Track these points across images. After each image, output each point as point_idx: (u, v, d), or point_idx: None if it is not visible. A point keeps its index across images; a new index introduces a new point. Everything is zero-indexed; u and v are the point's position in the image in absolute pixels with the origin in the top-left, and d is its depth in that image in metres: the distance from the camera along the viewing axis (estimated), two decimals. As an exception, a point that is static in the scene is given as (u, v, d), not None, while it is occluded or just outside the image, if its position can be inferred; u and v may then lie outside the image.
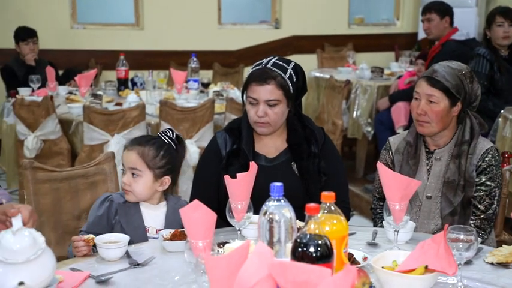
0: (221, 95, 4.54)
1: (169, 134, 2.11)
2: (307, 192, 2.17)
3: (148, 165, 2.03)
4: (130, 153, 2.03)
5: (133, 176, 2.03)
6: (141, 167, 2.02)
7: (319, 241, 1.27)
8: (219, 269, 1.19)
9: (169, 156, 2.06)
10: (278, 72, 2.15)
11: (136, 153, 2.03)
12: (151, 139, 2.09)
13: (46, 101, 3.86)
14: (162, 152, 2.05)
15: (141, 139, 2.10)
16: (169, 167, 2.06)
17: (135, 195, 2.03)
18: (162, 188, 2.06)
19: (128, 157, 2.03)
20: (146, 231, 2.03)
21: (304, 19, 6.93)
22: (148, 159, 2.03)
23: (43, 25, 5.49)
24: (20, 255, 1.39)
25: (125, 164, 2.05)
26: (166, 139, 2.09)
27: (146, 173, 2.02)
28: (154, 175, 2.03)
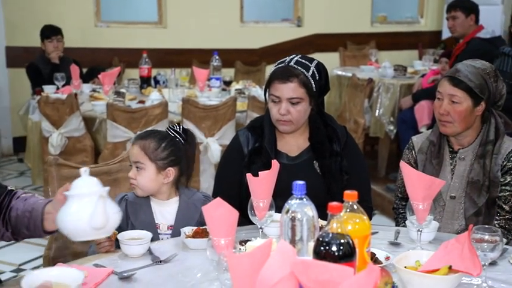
0: (243, 93, 4.54)
1: (175, 128, 2.13)
2: (328, 191, 2.16)
3: (150, 158, 2.04)
4: (134, 148, 2.07)
5: (137, 170, 2.05)
6: (143, 160, 2.04)
7: (342, 240, 1.27)
8: (241, 266, 1.19)
9: (173, 148, 2.06)
10: (301, 70, 2.14)
11: (138, 146, 2.05)
12: (153, 133, 2.12)
13: (70, 98, 3.91)
14: (164, 143, 2.05)
15: (144, 133, 2.14)
16: (172, 158, 2.06)
17: (140, 188, 2.05)
18: (167, 180, 2.06)
19: (132, 151, 2.07)
20: (157, 228, 2.04)
21: (326, 17, 6.90)
22: (150, 151, 2.04)
23: (68, 23, 5.55)
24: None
25: (130, 158, 2.08)
26: (172, 132, 2.11)
27: (148, 165, 2.04)
28: (157, 167, 2.04)
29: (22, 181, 5.14)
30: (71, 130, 3.93)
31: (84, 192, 1.45)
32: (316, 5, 6.87)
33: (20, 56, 5.73)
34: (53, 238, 2.17)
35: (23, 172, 5.38)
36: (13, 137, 5.96)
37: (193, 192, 2.15)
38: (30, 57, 5.28)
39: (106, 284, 1.61)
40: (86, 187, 1.46)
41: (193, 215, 2.06)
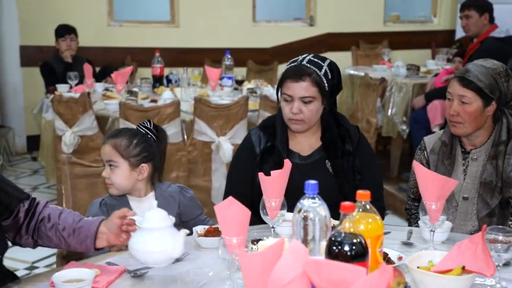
0: (255, 92, 4.54)
1: (145, 124, 2.14)
2: (341, 190, 2.16)
3: (122, 155, 2.05)
4: (105, 147, 2.07)
5: (110, 168, 2.06)
6: (116, 158, 2.05)
7: (354, 240, 1.26)
8: (253, 266, 1.19)
9: (144, 144, 2.07)
10: (313, 69, 2.14)
11: (110, 145, 2.06)
12: (123, 130, 2.14)
13: (83, 97, 3.93)
14: (135, 140, 2.06)
15: (114, 132, 2.14)
16: (145, 154, 2.07)
17: (116, 187, 2.06)
18: (142, 176, 2.07)
19: (104, 151, 2.08)
20: None
21: (339, 16, 6.88)
22: (121, 149, 2.05)
23: (81, 23, 5.58)
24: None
25: (103, 158, 2.09)
26: (142, 129, 2.12)
27: (121, 162, 2.05)
28: (130, 164, 2.05)
29: (36, 179, 5.18)
30: (83, 129, 3.95)
31: (156, 226, 1.60)
32: (328, 4, 6.85)
33: (34, 55, 5.78)
34: (66, 236, 2.18)
35: (37, 170, 5.42)
36: (27, 135, 6.01)
37: (167, 184, 2.17)
38: (44, 57, 5.32)
39: (119, 282, 1.62)
40: (158, 221, 1.61)
41: (172, 205, 2.09)
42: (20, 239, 1.80)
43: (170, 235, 1.59)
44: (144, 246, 1.58)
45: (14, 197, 1.78)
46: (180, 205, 2.12)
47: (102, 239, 1.73)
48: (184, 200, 2.14)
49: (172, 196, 2.12)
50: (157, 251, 1.58)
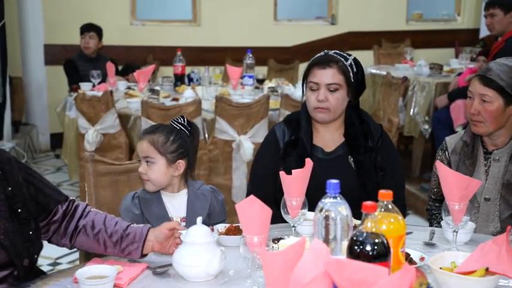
0: (276, 91, 4.54)
1: (180, 121, 2.15)
2: (363, 186, 2.16)
3: (159, 152, 2.06)
4: (142, 143, 2.07)
5: (147, 164, 2.06)
6: (153, 154, 2.06)
7: (376, 240, 1.26)
8: (274, 264, 1.19)
9: (181, 140, 2.08)
10: (340, 58, 2.18)
11: (147, 141, 2.06)
12: (160, 126, 2.14)
13: (106, 96, 3.96)
14: (172, 137, 2.07)
15: (151, 128, 2.15)
16: (181, 151, 2.08)
17: (152, 183, 2.07)
18: (178, 172, 2.08)
19: (140, 147, 2.08)
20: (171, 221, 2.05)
21: (361, 15, 6.84)
22: (159, 145, 2.06)
23: (104, 22, 5.63)
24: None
25: (139, 154, 2.09)
26: (177, 125, 2.12)
27: (158, 159, 2.05)
28: (167, 160, 2.06)
29: (59, 176, 5.25)
30: (106, 127, 3.98)
31: (199, 241, 1.63)
32: (350, 3, 6.82)
33: (58, 53, 5.85)
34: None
35: (60, 168, 5.49)
36: (50, 133, 6.09)
37: (200, 183, 2.18)
38: (68, 55, 5.38)
39: (141, 279, 1.63)
40: (203, 236, 1.63)
41: (204, 205, 2.10)
42: (57, 240, 1.81)
43: (207, 252, 1.60)
44: (183, 260, 1.61)
45: (52, 198, 1.78)
46: (211, 206, 2.13)
47: (148, 246, 1.75)
48: (215, 203, 2.15)
49: (204, 195, 2.13)
50: (194, 266, 1.59)
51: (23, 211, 1.68)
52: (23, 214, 1.67)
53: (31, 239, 1.68)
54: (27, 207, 1.69)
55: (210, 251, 1.61)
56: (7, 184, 1.66)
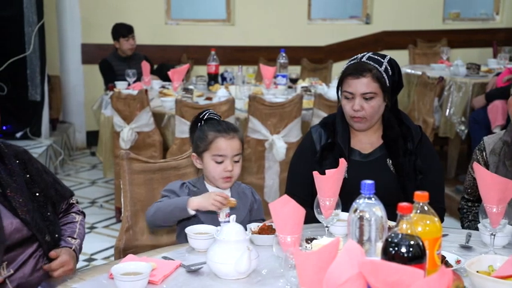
0: (309, 90, 4.52)
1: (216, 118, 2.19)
2: (403, 190, 2.13)
3: (242, 149, 2.11)
4: (234, 141, 2.07)
5: (235, 162, 2.07)
6: (241, 151, 2.09)
7: (412, 241, 1.24)
8: (308, 264, 1.19)
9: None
10: (373, 65, 2.13)
11: (238, 139, 2.08)
12: (231, 123, 2.19)
13: (141, 94, 4.01)
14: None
15: (232, 126, 2.15)
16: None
17: (233, 180, 2.09)
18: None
19: (233, 145, 2.06)
20: (218, 216, 2.07)
21: (396, 14, 6.76)
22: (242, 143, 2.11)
23: (139, 21, 5.71)
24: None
25: (227, 151, 2.06)
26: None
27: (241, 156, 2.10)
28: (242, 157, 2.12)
29: (94, 174, 5.34)
30: (141, 125, 4.03)
31: (232, 239, 1.64)
32: (386, 2, 6.75)
33: (94, 52, 5.95)
34: (124, 230, 2.24)
35: (95, 165, 5.58)
36: (86, 131, 6.19)
37: (238, 182, 2.19)
38: (103, 54, 5.46)
39: (174, 277, 1.65)
40: (235, 235, 1.64)
41: (245, 202, 2.12)
42: None
43: (238, 250, 1.61)
44: (215, 257, 1.62)
45: (66, 190, 2.03)
46: (251, 204, 2.15)
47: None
48: (254, 202, 2.17)
49: (244, 193, 2.15)
50: (225, 263, 1.60)
51: (40, 195, 1.86)
52: (40, 198, 1.86)
53: (50, 219, 1.86)
54: (44, 193, 1.88)
55: (240, 250, 1.62)
56: (26, 172, 1.85)
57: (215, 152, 2.05)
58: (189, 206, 1.93)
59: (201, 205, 1.93)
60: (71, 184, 5.01)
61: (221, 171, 2.05)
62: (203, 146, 2.07)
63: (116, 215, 4.26)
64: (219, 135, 2.06)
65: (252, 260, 1.62)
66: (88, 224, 4.16)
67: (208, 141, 2.06)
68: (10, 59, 5.02)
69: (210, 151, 2.06)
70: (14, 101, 5.14)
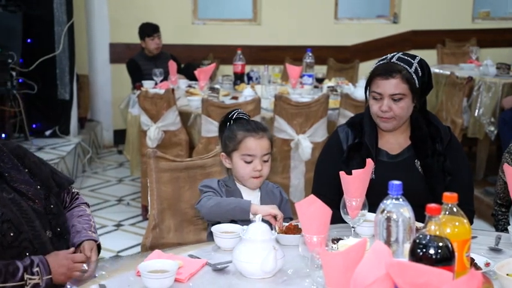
0: (335, 90, 4.50)
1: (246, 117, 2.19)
2: (432, 191, 2.11)
3: (272, 149, 2.11)
4: (263, 140, 2.07)
5: (264, 161, 2.08)
6: (270, 150, 2.09)
7: (440, 243, 1.23)
8: (335, 265, 1.18)
9: None
10: (403, 66, 2.11)
11: (267, 138, 2.09)
12: (262, 123, 2.20)
13: (168, 93, 4.04)
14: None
15: (261, 125, 2.15)
16: None
17: (262, 180, 2.09)
18: None
19: (263, 144, 2.07)
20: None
21: (424, 13, 6.69)
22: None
23: (166, 21, 5.75)
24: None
25: (257, 151, 2.06)
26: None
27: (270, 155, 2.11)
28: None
29: (121, 172, 5.39)
30: (167, 124, 4.05)
31: (259, 238, 1.64)
32: (414, 1, 6.68)
33: (121, 52, 6.01)
34: (151, 228, 2.26)
35: (122, 163, 5.64)
36: (114, 129, 6.26)
37: (266, 181, 2.18)
38: (131, 54, 5.52)
39: (201, 275, 1.65)
40: (261, 234, 1.64)
41: (274, 201, 2.11)
42: None
43: (263, 249, 1.61)
44: (241, 256, 1.63)
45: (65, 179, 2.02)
46: (279, 203, 2.14)
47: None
48: (282, 201, 2.17)
49: (273, 192, 2.16)
50: (251, 262, 1.61)
51: (42, 188, 1.85)
52: (42, 190, 1.84)
53: (53, 211, 1.84)
54: (45, 185, 1.87)
55: (265, 249, 1.62)
56: (24, 167, 1.85)
57: (244, 151, 2.06)
58: (250, 210, 1.93)
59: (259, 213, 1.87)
60: (98, 182, 5.08)
61: (250, 171, 2.06)
62: (232, 146, 2.08)
63: (142, 212, 4.30)
64: (248, 134, 2.06)
65: (277, 259, 1.61)
66: (114, 222, 4.21)
67: (237, 141, 2.07)
68: (40, 58, 5.11)
69: (239, 151, 2.07)
70: (44, 99, 5.23)
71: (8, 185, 1.74)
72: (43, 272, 1.64)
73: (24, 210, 1.71)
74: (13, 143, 1.92)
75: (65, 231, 1.86)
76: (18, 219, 1.67)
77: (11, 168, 1.79)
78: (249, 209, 1.93)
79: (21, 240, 1.66)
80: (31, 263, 1.64)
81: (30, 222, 1.70)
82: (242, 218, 1.96)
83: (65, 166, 4.79)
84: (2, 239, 1.62)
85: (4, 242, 1.63)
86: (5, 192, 1.71)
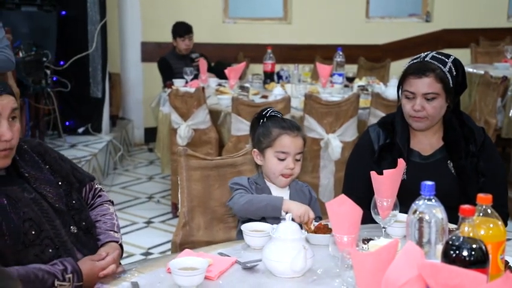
0: (366, 89, 4.46)
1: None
2: (464, 193, 2.08)
3: (304, 148, 2.12)
4: (298, 139, 2.08)
5: (297, 160, 2.08)
6: (303, 150, 2.09)
7: (474, 245, 1.21)
8: (366, 265, 1.17)
9: None
10: (437, 65, 2.08)
11: (301, 137, 2.09)
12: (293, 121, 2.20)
13: (198, 92, 4.06)
14: None
15: (296, 124, 2.15)
16: None
17: (293, 179, 2.09)
18: None
19: (297, 143, 2.07)
20: None
21: (458, 11, 6.58)
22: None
23: (197, 20, 5.78)
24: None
25: (291, 149, 2.06)
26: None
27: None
28: None
29: (151, 169, 5.45)
30: (197, 122, 4.07)
31: (288, 238, 1.63)
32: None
33: (153, 51, 6.07)
34: (181, 225, 2.28)
35: (152, 161, 5.70)
36: (144, 127, 6.33)
37: (295, 180, 2.17)
38: (162, 52, 5.57)
39: (230, 273, 1.66)
40: (291, 233, 1.64)
41: (303, 200, 2.11)
42: None
43: (293, 248, 1.61)
44: (271, 255, 1.63)
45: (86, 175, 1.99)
46: (309, 201, 2.14)
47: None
48: (311, 200, 2.16)
49: (303, 191, 2.15)
50: (280, 261, 1.61)
51: (63, 184, 1.84)
52: (63, 186, 1.84)
53: (75, 207, 1.83)
54: (66, 180, 1.86)
55: (295, 248, 1.61)
56: (45, 163, 1.84)
57: (279, 148, 2.06)
58: (282, 207, 1.94)
59: (291, 210, 1.90)
60: (129, 179, 5.15)
61: (282, 168, 2.06)
62: (267, 142, 2.08)
63: (172, 210, 4.34)
64: (284, 132, 2.06)
65: (307, 258, 1.61)
66: (145, 219, 4.26)
67: (272, 138, 2.07)
68: (74, 56, 5.20)
69: (273, 147, 2.07)
70: (77, 97, 5.32)
71: (29, 185, 1.75)
72: (75, 279, 1.65)
73: (45, 209, 1.72)
74: (34, 141, 1.93)
75: (90, 225, 1.86)
76: (39, 218, 1.68)
77: (32, 167, 1.79)
78: (281, 206, 1.94)
79: (43, 238, 1.67)
80: (64, 269, 1.65)
81: (50, 222, 1.70)
82: (274, 215, 1.96)
83: (97, 163, 4.86)
84: (24, 238, 1.63)
85: (26, 241, 1.64)
86: (26, 192, 1.72)
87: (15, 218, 1.63)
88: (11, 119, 1.69)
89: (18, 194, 1.69)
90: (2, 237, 1.60)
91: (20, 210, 1.66)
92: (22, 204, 1.68)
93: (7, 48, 3.42)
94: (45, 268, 1.62)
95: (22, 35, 4.64)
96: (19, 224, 1.63)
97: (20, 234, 1.63)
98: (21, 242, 1.63)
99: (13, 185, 1.71)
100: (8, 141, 1.67)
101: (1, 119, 1.66)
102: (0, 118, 1.66)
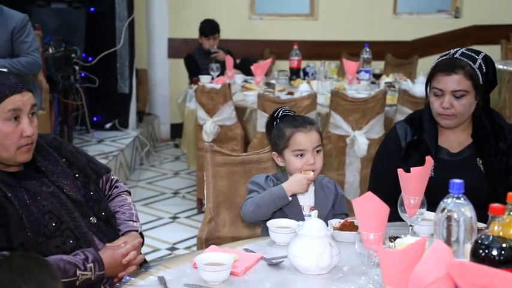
0: (393, 86, 4.42)
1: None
2: (493, 191, 2.04)
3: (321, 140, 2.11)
4: (312, 133, 2.06)
5: (317, 152, 2.07)
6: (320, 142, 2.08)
7: (504, 244, 1.19)
8: (393, 263, 1.17)
9: None
10: (467, 62, 2.05)
11: (316, 131, 2.08)
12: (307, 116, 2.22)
13: (224, 88, 4.07)
14: None
15: (308, 119, 2.14)
16: None
17: (317, 173, 2.08)
18: None
19: (313, 137, 2.06)
20: (302, 210, 2.06)
21: (488, 7, 6.46)
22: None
23: (224, 16, 5.79)
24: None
25: (307, 145, 2.05)
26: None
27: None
28: None
29: (177, 165, 5.49)
30: (223, 119, 4.09)
31: (314, 234, 1.64)
32: (477, -5, 6.48)
33: (179, 47, 6.10)
34: (207, 221, 2.29)
35: (178, 157, 5.73)
36: (171, 123, 6.37)
37: (321, 176, 2.17)
38: (188, 49, 5.59)
39: (256, 269, 1.67)
40: (317, 230, 1.64)
41: (329, 196, 2.11)
42: None
43: (319, 245, 1.61)
44: (296, 252, 1.63)
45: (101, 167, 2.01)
46: (335, 197, 2.14)
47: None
48: (338, 196, 2.15)
49: (328, 187, 2.14)
50: (306, 258, 1.61)
51: (80, 176, 1.87)
52: (80, 178, 1.86)
53: (93, 198, 1.86)
54: (83, 173, 1.89)
55: (321, 245, 1.61)
56: (61, 157, 1.87)
57: (295, 147, 2.05)
58: (287, 192, 1.99)
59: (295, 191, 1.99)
60: (155, 174, 5.19)
61: (303, 165, 2.05)
62: (282, 144, 2.08)
63: (198, 206, 4.37)
64: (296, 130, 2.06)
65: (333, 256, 1.61)
66: (170, 214, 4.29)
67: (286, 138, 2.06)
68: (102, 53, 5.26)
69: (289, 147, 2.06)
70: (104, 93, 5.39)
71: (47, 179, 1.78)
72: (96, 268, 1.68)
73: (64, 202, 1.75)
74: (49, 135, 1.96)
75: (110, 215, 1.89)
76: (59, 211, 1.71)
77: (48, 161, 1.83)
78: (285, 192, 1.98)
79: (63, 229, 1.70)
80: (85, 258, 1.68)
81: (70, 214, 1.73)
82: (284, 204, 2.00)
83: (124, 158, 4.91)
84: (44, 229, 1.67)
85: (47, 232, 1.67)
86: (45, 186, 1.75)
87: (35, 211, 1.67)
88: (30, 115, 1.73)
89: (37, 188, 1.73)
90: (23, 230, 1.64)
91: (39, 204, 1.69)
92: (41, 197, 1.71)
93: (36, 51, 3.53)
94: (67, 258, 1.65)
95: (52, 32, 4.72)
96: (39, 217, 1.67)
97: (41, 227, 1.66)
98: (42, 234, 1.67)
99: (32, 180, 1.75)
100: (30, 136, 1.71)
101: (22, 115, 1.70)
102: (22, 114, 1.70)
